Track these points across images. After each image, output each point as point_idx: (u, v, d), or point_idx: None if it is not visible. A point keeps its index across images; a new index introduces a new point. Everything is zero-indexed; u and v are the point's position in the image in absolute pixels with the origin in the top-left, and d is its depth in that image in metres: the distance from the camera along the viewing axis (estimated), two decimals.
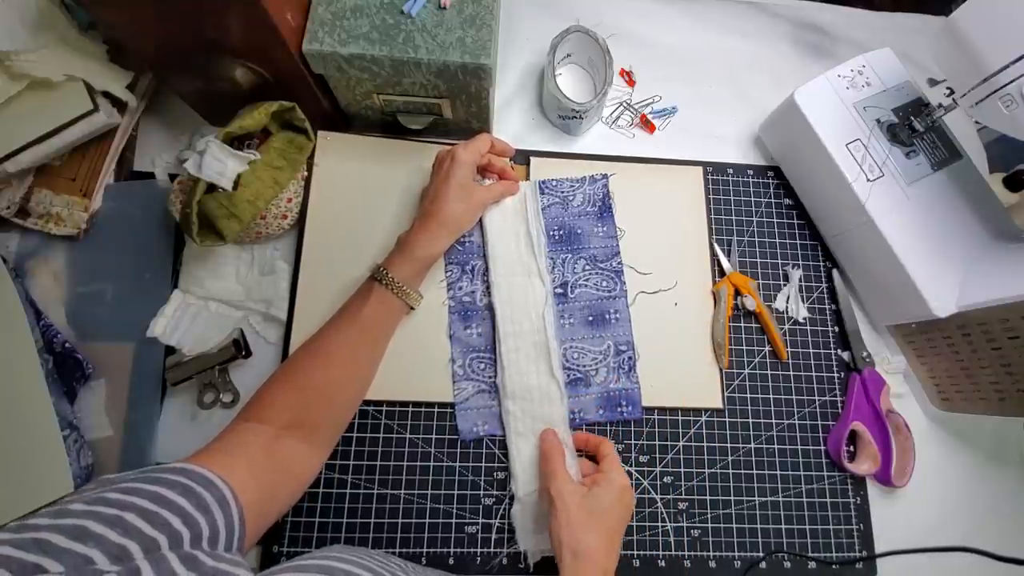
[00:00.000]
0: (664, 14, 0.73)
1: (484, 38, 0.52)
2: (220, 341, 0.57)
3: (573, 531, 0.45)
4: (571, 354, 0.59)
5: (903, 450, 0.58)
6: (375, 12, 0.52)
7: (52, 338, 0.56)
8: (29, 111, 0.55)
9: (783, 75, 0.71)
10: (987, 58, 0.46)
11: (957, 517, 0.59)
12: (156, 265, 0.60)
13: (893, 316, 0.61)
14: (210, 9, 0.46)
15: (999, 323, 0.52)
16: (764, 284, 0.64)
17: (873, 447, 0.58)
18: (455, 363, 0.58)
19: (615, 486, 0.48)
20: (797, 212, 0.66)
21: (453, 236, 0.55)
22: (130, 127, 0.62)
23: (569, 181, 0.64)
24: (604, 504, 0.47)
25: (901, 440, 0.58)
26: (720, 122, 0.70)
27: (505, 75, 0.69)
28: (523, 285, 0.59)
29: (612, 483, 0.48)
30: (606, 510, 0.47)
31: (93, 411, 0.56)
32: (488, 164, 0.59)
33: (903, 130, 0.58)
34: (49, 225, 0.59)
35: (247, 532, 0.35)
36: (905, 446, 0.58)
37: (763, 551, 0.56)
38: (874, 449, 0.58)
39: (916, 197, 0.57)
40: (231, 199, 0.53)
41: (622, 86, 0.70)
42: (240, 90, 0.54)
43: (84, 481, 0.52)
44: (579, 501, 0.47)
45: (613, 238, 0.62)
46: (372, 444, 0.56)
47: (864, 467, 0.58)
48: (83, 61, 0.56)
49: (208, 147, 0.51)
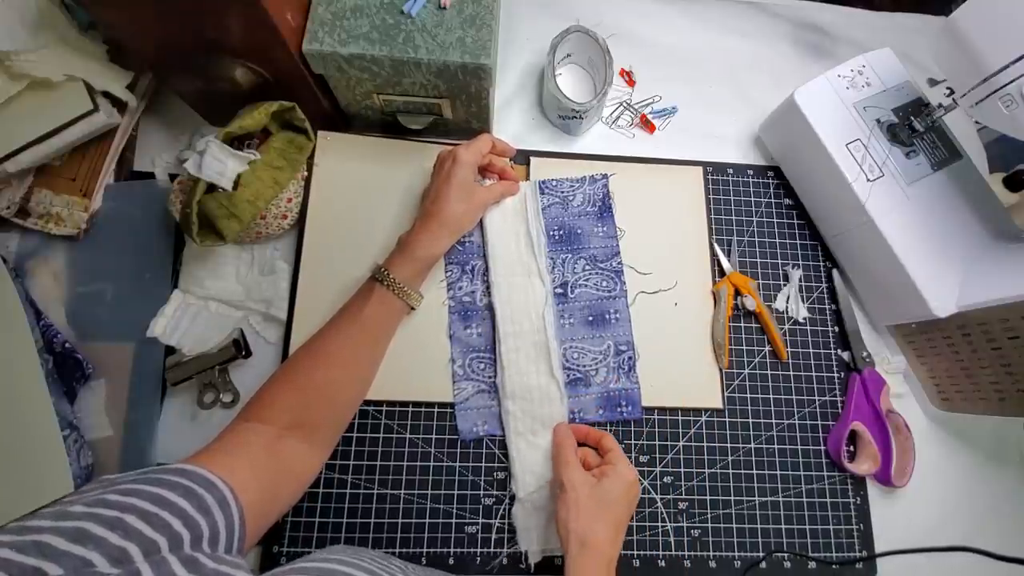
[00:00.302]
0: (664, 14, 0.73)
1: (484, 38, 0.52)
2: (220, 341, 0.57)
3: (582, 520, 0.45)
4: (571, 354, 0.59)
5: (903, 450, 0.58)
6: (375, 12, 0.52)
7: (52, 338, 0.56)
8: (29, 111, 0.55)
9: (783, 75, 0.71)
10: (987, 58, 0.46)
11: (957, 517, 0.59)
12: (156, 265, 0.60)
13: (893, 316, 0.61)
14: (210, 9, 0.46)
15: (999, 323, 0.52)
16: (764, 284, 0.64)
17: (873, 447, 0.58)
18: (455, 363, 0.58)
19: (624, 479, 0.49)
20: (797, 212, 0.66)
21: (454, 236, 0.55)
22: (130, 127, 0.62)
23: (569, 181, 0.64)
24: (613, 495, 0.47)
25: (901, 440, 0.58)
26: (720, 122, 0.70)
27: (505, 75, 0.69)
28: (523, 285, 0.59)
29: (621, 476, 0.49)
30: (614, 501, 0.47)
31: (93, 411, 0.56)
32: (489, 164, 0.59)
33: (903, 130, 0.58)
34: (49, 225, 0.59)
35: (247, 533, 0.35)
36: (905, 446, 0.58)
37: (763, 551, 0.56)
38: (874, 449, 0.58)
39: (916, 197, 0.57)
40: (231, 199, 0.53)
41: (622, 86, 0.70)
42: (240, 90, 0.54)
43: (84, 481, 0.52)
44: (589, 491, 0.47)
45: (613, 238, 0.62)
46: (372, 444, 0.56)
47: (864, 467, 0.58)
48: (83, 61, 0.56)
49: (208, 147, 0.51)
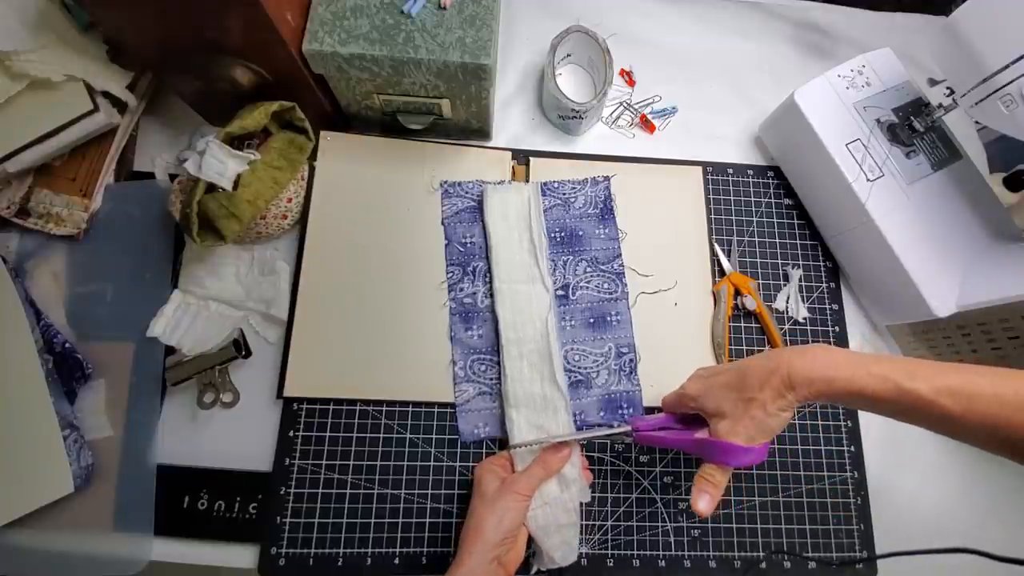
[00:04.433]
0: (665, 14, 0.73)
1: (484, 38, 0.52)
2: (220, 341, 0.57)
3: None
4: (572, 356, 0.59)
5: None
6: (375, 12, 0.52)
7: (52, 338, 0.56)
8: (29, 111, 0.55)
9: (783, 75, 0.71)
10: (987, 58, 0.46)
11: (957, 517, 0.59)
12: (156, 265, 0.60)
13: (893, 316, 0.61)
14: (210, 9, 0.46)
15: (999, 323, 0.52)
16: (764, 284, 0.64)
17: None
18: (456, 364, 0.58)
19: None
20: (797, 212, 0.66)
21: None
22: (130, 127, 0.62)
23: (571, 183, 0.64)
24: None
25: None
26: (720, 122, 0.70)
27: (505, 75, 0.69)
28: (526, 292, 0.58)
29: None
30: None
31: (93, 411, 0.56)
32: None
33: (903, 130, 0.58)
34: (49, 225, 0.59)
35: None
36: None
37: (763, 551, 0.56)
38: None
39: (916, 197, 0.57)
40: (231, 199, 0.53)
41: (622, 86, 0.70)
42: (240, 90, 0.54)
43: (84, 481, 0.52)
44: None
45: (614, 240, 0.62)
46: (372, 444, 0.56)
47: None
48: (83, 61, 0.56)
49: (208, 147, 0.51)
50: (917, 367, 0.38)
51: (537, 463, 0.50)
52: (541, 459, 0.50)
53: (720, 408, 0.43)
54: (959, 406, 0.36)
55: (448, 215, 0.62)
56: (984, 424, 0.36)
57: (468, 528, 0.47)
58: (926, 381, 0.37)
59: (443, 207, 0.62)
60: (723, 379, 0.44)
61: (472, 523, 0.47)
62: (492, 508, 0.47)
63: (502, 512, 0.46)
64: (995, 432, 0.36)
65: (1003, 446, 0.36)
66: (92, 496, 0.53)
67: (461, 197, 0.62)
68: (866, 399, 0.39)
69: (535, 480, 0.49)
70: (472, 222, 0.62)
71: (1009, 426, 0.35)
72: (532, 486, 0.49)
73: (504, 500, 0.47)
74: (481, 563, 0.44)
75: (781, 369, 0.40)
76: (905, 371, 0.38)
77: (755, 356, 0.44)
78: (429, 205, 0.62)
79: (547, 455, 0.51)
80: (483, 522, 0.46)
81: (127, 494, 0.54)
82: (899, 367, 0.38)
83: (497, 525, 0.46)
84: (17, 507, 0.51)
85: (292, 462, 0.55)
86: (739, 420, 0.42)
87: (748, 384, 0.42)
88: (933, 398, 0.37)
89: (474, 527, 0.46)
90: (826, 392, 0.40)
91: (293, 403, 0.57)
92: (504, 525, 0.46)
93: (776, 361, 0.41)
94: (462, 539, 0.47)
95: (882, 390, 0.38)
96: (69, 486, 0.51)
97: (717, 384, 0.44)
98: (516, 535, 0.48)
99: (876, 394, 0.38)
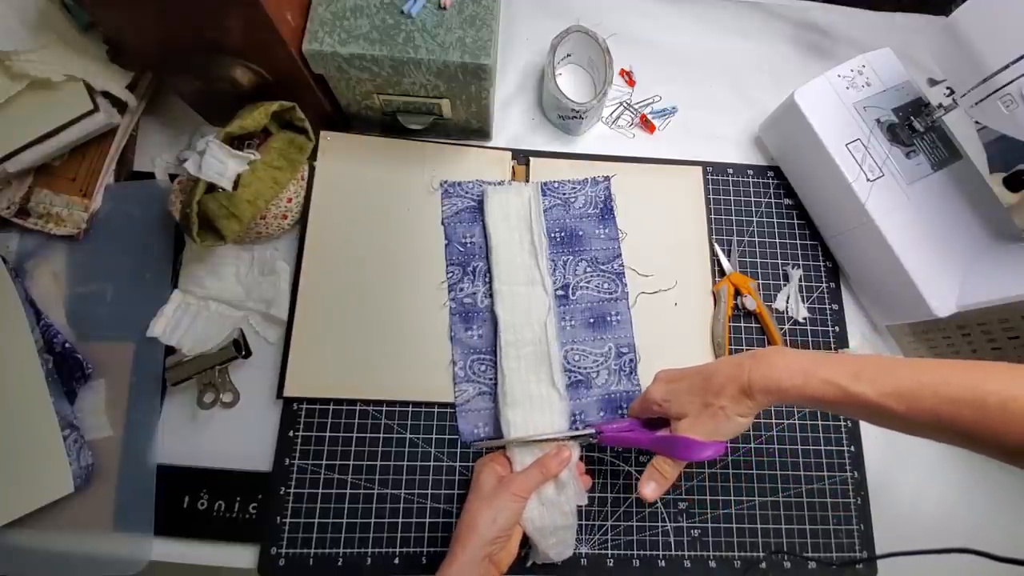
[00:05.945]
0: (665, 14, 0.73)
1: (484, 38, 0.52)
2: (220, 341, 0.57)
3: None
4: (572, 356, 0.59)
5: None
6: (375, 12, 0.52)
7: (52, 338, 0.56)
8: (29, 111, 0.55)
9: (783, 75, 0.71)
10: (987, 58, 0.46)
11: (957, 517, 0.59)
12: (156, 265, 0.60)
13: (893, 316, 0.61)
14: (210, 9, 0.46)
15: (999, 323, 0.52)
16: (764, 284, 0.64)
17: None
18: (456, 365, 0.58)
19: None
20: (797, 212, 0.66)
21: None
22: (130, 127, 0.62)
23: (571, 183, 0.64)
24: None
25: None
26: (720, 122, 0.70)
27: (505, 75, 0.69)
28: (526, 294, 0.58)
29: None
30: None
31: (93, 411, 0.56)
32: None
33: (903, 130, 0.58)
34: (49, 225, 0.59)
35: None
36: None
37: (763, 551, 0.56)
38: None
39: (916, 197, 0.57)
40: (231, 199, 0.53)
41: (622, 86, 0.70)
42: (240, 90, 0.54)
43: (84, 481, 0.52)
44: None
45: (614, 240, 0.62)
46: (372, 444, 0.56)
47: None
48: (83, 61, 0.56)
49: (208, 147, 0.51)
50: (863, 368, 0.39)
51: (535, 465, 0.51)
52: (540, 462, 0.51)
53: (683, 411, 0.45)
54: (903, 405, 0.37)
55: (448, 215, 0.62)
56: (928, 420, 0.37)
57: (463, 523, 0.47)
58: (871, 384, 0.38)
59: (443, 207, 0.62)
60: (686, 384, 0.45)
61: (467, 518, 0.47)
62: (488, 505, 0.47)
63: (497, 510, 0.47)
64: (939, 425, 0.37)
65: (954, 438, 0.38)
66: (92, 496, 0.53)
67: (461, 197, 0.62)
68: (818, 403, 0.40)
69: (532, 482, 0.50)
70: (472, 222, 0.62)
71: (953, 420, 0.36)
72: (529, 488, 0.49)
73: (500, 499, 0.47)
74: (474, 559, 0.45)
75: (741, 377, 0.42)
76: (851, 374, 0.39)
77: (719, 361, 0.46)
78: (429, 205, 0.62)
79: (546, 458, 0.51)
80: (478, 518, 0.47)
81: (127, 494, 0.54)
82: (847, 370, 0.39)
83: (492, 522, 0.46)
84: (17, 507, 0.51)
85: (292, 462, 0.55)
86: (699, 419, 0.44)
87: (710, 390, 0.43)
88: (878, 400, 0.38)
89: (469, 523, 0.47)
90: (783, 398, 0.41)
91: (293, 403, 0.57)
92: (499, 523, 0.47)
93: (737, 369, 0.42)
94: (456, 534, 0.47)
95: (831, 395, 0.39)
96: (69, 486, 0.51)
97: (681, 389, 0.46)
98: (510, 534, 0.48)
99: (826, 398, 0.39)
